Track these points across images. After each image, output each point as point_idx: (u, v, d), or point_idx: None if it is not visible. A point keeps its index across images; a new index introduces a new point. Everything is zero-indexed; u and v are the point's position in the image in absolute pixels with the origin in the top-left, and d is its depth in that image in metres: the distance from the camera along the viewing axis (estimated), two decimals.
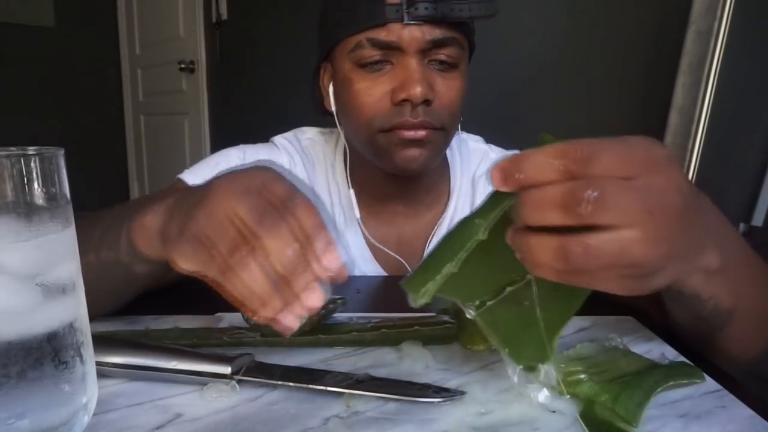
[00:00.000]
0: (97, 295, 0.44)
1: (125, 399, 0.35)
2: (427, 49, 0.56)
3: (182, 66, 2.77)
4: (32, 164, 0.24)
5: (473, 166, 0.74)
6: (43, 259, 0.25)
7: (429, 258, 0.31)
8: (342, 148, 0.71)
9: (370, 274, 0.69)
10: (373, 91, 0.58)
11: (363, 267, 0.70)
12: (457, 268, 0.30)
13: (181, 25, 2.78)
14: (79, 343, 0.27)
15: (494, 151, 0.75)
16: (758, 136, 1.24)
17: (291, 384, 0.35)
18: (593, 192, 0.24)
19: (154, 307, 0.50)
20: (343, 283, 0.32)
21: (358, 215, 0.67)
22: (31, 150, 0.24)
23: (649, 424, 0.32)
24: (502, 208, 0.28)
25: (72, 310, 0.27)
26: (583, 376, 0.35)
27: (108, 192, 3.02)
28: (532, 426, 0.32)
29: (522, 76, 1.59)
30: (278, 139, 0.73)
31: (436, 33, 0.56)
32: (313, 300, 0.32)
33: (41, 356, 0.25)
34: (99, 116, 3.23)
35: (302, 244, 0.31)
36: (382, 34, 0.56)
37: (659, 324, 0.47)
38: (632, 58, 1.42)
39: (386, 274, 0.70)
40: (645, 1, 1.39)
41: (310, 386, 0.35)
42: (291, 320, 0.32)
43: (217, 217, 0.32)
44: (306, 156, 0.71)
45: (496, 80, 1.51)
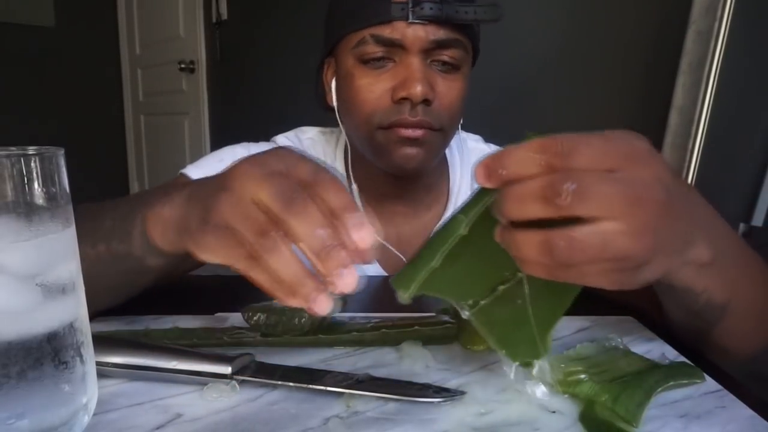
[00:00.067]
0: (105, 286, 0.44)
1: (125, 399, 0.35)
2: (430, 49, 0.57)
3: (182, 66, 2.77)
4: (32, 164, 0.24)
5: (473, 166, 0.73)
6: (43, 259, 0.25)
7: (416, 255, 0.32)
8: (342, 148, 0.71)
9: (370, 274, 0.69)
10: (374, 88, 0.58)
11: (363, 267, 0.69)
12: (439, 263, 0.30)
13: (181, 25, 2.78)
14: (79, 343, 0.27)
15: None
16: (758, 136, 1.24)
17: (291, 384, 0.35)
18: (573, 183, 0.25)
19: (154, 307, 0.49)
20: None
21: None
22: (31, 150, 0.24)
23: (649, 424, 0.32)
24: (483, 203, 0.29)
25: (72, 310, 0.27)
26: (584, 376, 0.35)
27: (108, 192, 3.00)
28: (533, 426, 0.32)
29: (522, 76, 1.59)
30: (279, 138, 0.73)
31: (440, 34, 0.56)
32: (348, 278, 0.30)
33: (41, 356, 0.25)
34: (99, 116, 3.23)
35: (332, 223, 0.30)
36: (386, 31, 0.56)
37: (659, 324, 0.47)
38: (632, 58, 1.42)
39: (386, 274, 0.70)
40: (645, 1, 1.39)
41: (310, 386, 0.35)
42: (326, 302, 0.30)
43: (241, 204, 0.30)
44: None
45: (496, 80, 1.51)
